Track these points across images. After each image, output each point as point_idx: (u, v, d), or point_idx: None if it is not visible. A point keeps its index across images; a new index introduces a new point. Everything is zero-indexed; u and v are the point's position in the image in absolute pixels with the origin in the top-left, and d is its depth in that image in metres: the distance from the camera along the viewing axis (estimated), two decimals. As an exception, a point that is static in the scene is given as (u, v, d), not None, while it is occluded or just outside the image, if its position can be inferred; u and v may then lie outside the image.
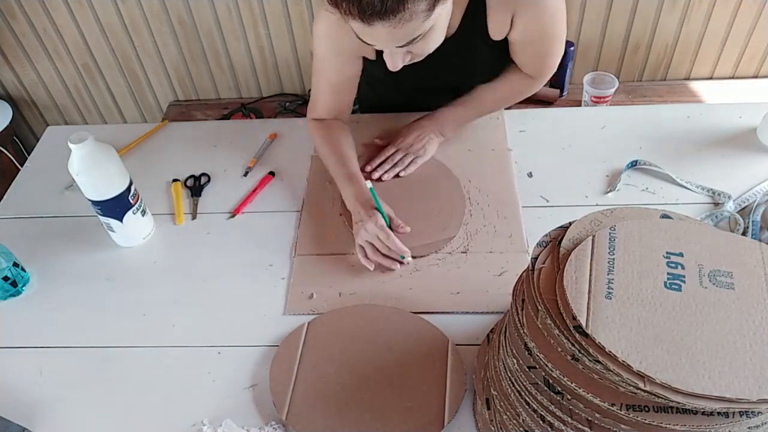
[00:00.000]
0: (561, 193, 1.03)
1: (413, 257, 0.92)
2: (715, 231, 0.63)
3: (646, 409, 0.53)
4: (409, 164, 1.07)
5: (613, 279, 0.58)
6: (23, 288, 0.96)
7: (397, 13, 0.71)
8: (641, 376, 0.51)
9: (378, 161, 1.08)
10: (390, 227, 0.93)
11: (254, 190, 1.09)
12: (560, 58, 1.02)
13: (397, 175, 1.06)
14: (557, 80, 1.85)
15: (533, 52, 1.00)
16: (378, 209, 0.92)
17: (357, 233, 0.92)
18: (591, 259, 0.60)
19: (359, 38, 0.78)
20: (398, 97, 1.19)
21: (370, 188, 0.90)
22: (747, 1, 1.74)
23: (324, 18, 0.92)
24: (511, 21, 0.93)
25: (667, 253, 0.60)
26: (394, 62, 0.83)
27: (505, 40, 0.98)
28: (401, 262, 0.91)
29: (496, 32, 0.95)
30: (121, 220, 0.96)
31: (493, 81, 1.09)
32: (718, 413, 0.51)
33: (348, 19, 0.74)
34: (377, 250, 0.90)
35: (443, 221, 0.99)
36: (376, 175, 1.06)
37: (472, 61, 1.01)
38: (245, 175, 1.13)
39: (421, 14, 0.72)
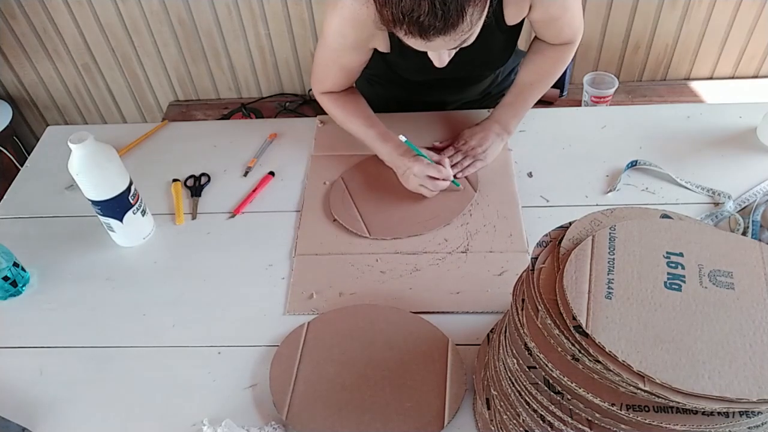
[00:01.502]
0: (561, 193, 1.03)
1: (413, 235, 0.97)
2: (715, 231, 0.63)
3: (646, 409, 0.53)
4: (467, 166, 1.05)
5: (613, 279, 0.58)
6: (23, 288, 0.96)
7: (457, 26, 0.73)
8: (641, 376, 0.51)
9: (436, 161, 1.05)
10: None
11: (254, 190, 1.09)
12: (581, 12, 1.00)
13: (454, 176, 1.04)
14: (557, 80, 1.85)
15: (559, 25, 0.99)
16: (419, 154, 0.97)
17: (407, 180, 1.00)
18: (591, 259, 0.60)
19: (412, 47, 0.80)
20: (401, 92, 1.18)
21: (406, 141, 0.94)
22: (747, 1, 1.74)
23: (337, 14, 0.90)
24: (530, 6, 0.93)
25: (667, 253, 0.60)
26: (442, 59, 0.85)
27: (519, 25, 0.98)
28: (458, 190, 1.02)
29: (512, 18, 0.95)
30: (121, 220, 0.96)
31: (526, 63, 1.08)
32: (718, 413, 0.51)
33: (408, 38, 0.76)
34: (433, 181, 0.98)
35: (443, 216, 0.99)
36: None
37: (485, 49, 1.00)
38: (245, 175, 1.13)
39: (476, 21, 0.75)
